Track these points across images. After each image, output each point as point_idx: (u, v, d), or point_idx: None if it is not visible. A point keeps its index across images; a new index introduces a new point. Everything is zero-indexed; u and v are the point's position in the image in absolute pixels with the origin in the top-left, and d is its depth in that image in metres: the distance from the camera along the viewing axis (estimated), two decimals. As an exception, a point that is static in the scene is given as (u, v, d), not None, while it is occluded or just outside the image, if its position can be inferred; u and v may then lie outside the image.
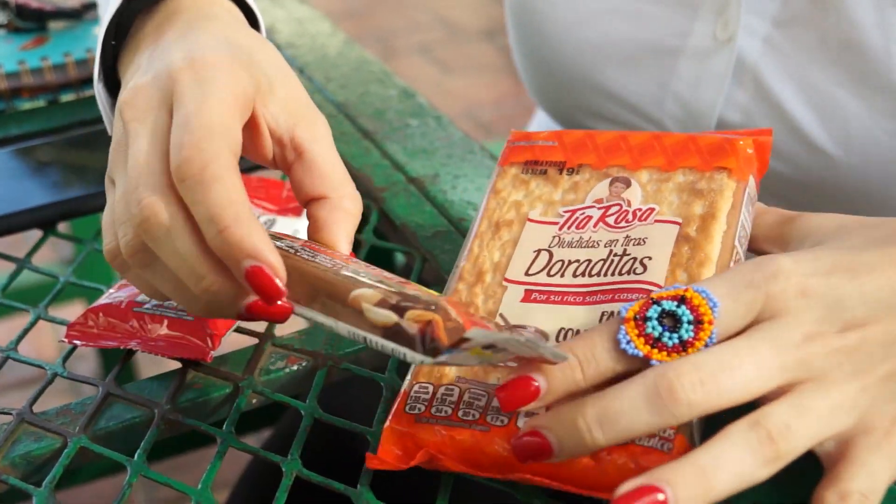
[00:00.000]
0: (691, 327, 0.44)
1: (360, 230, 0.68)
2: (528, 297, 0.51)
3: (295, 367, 0.58)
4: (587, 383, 0.44)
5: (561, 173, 0.56)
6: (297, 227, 0.67)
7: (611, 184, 0.55)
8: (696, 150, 0.54)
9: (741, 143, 0.54)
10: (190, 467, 1.29)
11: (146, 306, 0.59)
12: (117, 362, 0.59)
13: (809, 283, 0.44)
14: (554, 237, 0.54)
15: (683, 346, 0.43)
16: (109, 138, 0.52)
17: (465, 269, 0.54)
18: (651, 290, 0.49)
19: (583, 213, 0.54)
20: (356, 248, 0.63)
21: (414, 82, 0.84)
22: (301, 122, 0.52)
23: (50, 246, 1.87)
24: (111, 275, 0.70)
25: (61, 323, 0.61)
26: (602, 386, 0.44)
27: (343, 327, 0.45)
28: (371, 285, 0.45)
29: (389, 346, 0.43)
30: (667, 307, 0.44)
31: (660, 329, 0.44)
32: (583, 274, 0.51)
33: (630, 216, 0.53)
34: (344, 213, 0.52)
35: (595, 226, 0.53)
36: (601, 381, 0.45)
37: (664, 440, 0.44)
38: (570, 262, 0.52)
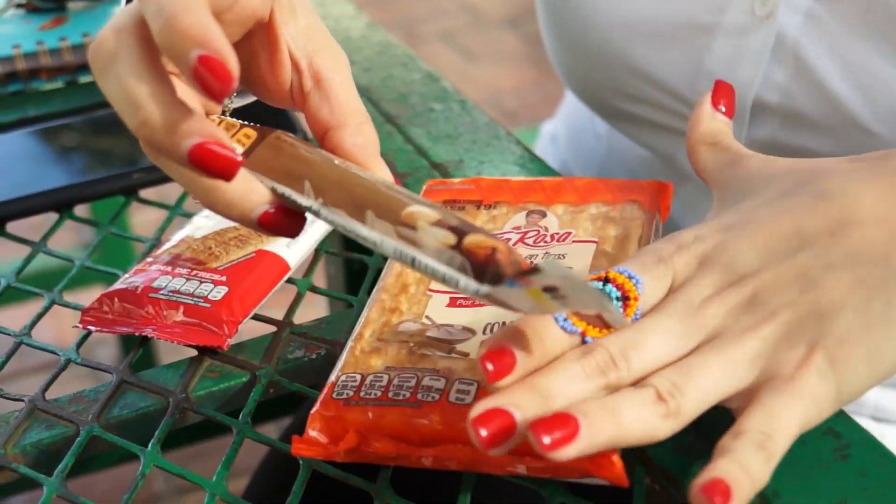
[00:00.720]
0: (620, 304, 0.45)
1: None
2: (453, 304, 0.53)
3: (314, 356, 0.56)
4: (536, 363, 0.44)
5: (479, 209, 0.59)
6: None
7: (527, 215, 0.58)
8: (606, 188, 0.59)
9: (646, 184, 0.59)
10: (208, 455, 1.28)
11: (162, 292, 0.58)
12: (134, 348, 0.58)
13: (706, 248, 0.46)
14: None
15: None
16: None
17: (388, 282, 0.55)
18: None
19: (502, 237, 0.55)
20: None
21: (437, 69, 0.83)
22: (322, 51, 0.50)
23: (69, 230, 1.87)
24: (129, 259, 0.68)
25: (76, 308, 0.60)
26: None
27: (390, 245, 0.43)
28: (429, 205, 0.44)
29: (442, 270, 0.41)
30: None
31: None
32: None
33: (548, 238, 0.56)
34: (368, 137, 0.49)
35: (514, 245, 0.55)
36: (546, 360, 0.45)
37: None
38: None
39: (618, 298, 0.45)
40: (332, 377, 0.50)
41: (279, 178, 0.46)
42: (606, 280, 0.45)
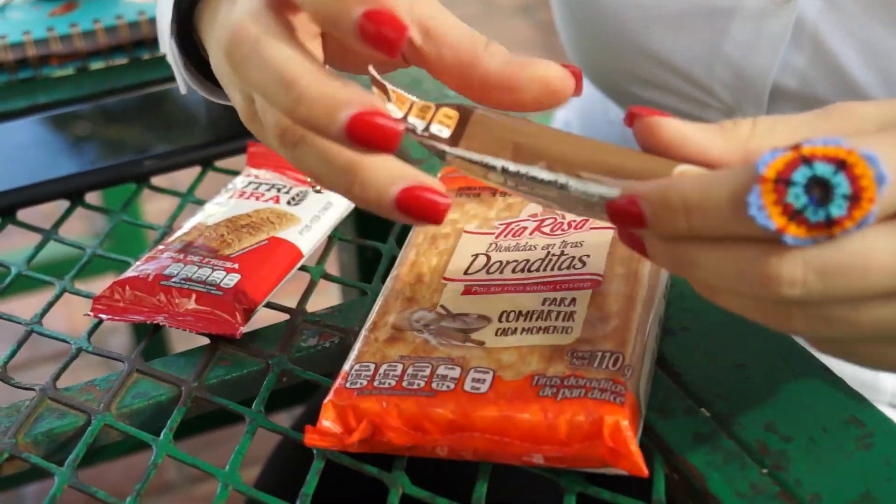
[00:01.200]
0: (845, 203, 0.35)
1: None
2: (468, 291, 0.52)
3: (327, 344, 0.56)
4: (688, 234, 0.38)
5: (494, 196, 0.58)
6: (329, 199, 0.64)
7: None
8: None
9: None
10: (220, 444, 1.28)
11: (174, 280, 0.57)
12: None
13: None
14: (491, 244, 0.55)
15: (829, 225, 0.35)
16: (140, 107, 0.50)
17: (402, 272, 0.55)
18: (598, 279, 0.50)
19: (518, 225, 0.56)
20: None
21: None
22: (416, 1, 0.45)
23: (81, 218, 1.86)
24: (141, 247, 0.68)
25: (88, 296, 0.59)
26: None
27: None
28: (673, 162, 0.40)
29: None
30: (819, 172, 0.35)
31: (805, 200, 0.35)
32: (521, 270, 0.52)
33: (565, 226, 0.54)
34: (505, 53, 0.43)
35: (531, 234, 0.55)
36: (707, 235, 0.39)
37: (616, 394, 0.44)
38: (508, 262, 0.53)
39: (844, 196, 0.35)
40: (346, 366, 0.49)
41: (504, 154, 0.43)
42: (842, 165, 0.35)
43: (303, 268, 0.61)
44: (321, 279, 0.61)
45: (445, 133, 0.43)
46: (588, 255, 0.52)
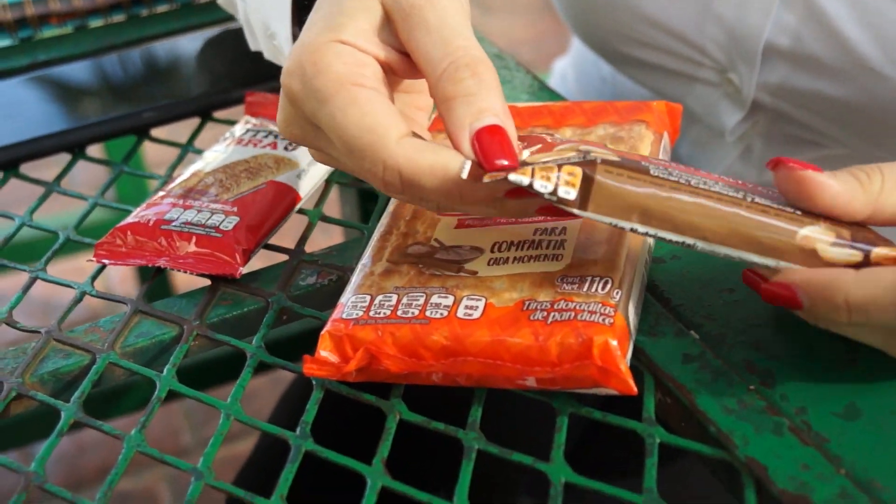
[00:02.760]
0: None
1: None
2: (461, 225, 0.53)
3: (326, 282, 0.57)
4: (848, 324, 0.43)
5: None
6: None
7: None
8: (614, 110, 0.58)
9: (654, 105, 0.57)
10: (226, 392, 1.29)
11: (174, 224, 0.58)
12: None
13: None
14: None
15: None
16: (138, 61, 0.51)
17: (397, 208, 0.56)
18: None
19: None
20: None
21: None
22: None
23: (84, 172, 1.88)
24: (142, 197, 0.69)
25: (90, 244, 0.61)
26: None
27: (782, 265, 0.44)
28: (811, 220, 0.44)
29: None
30: None
31: None
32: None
33: None
34: (462, 89, 0.44)
35: (523, 135, 0.55)
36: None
37: (605, 315, 0.45)
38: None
39: None
40: (342, 299, 0.50)
41: (632, 218, 0.44)
42: None
43: (301, 210, 0.62)
44: (320, 221, 0.62)
45: (572, 195, 0.44)
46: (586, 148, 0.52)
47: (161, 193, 0.62)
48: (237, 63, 0.77)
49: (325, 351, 0.48)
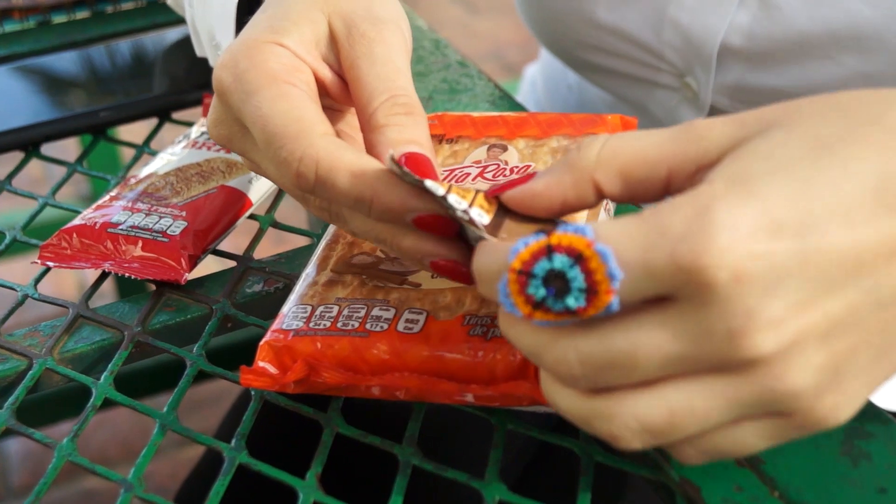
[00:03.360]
0: (582, 295, 0.35)
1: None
2: None
3: (272, 290, 0.56)
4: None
5: (441, 143, 0.58)
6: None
7: (488, 149, 0.56)
8: (569, 122, 0.57)
9: (609, 118, 0.56)
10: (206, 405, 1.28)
11: (121, 227, 0.57)
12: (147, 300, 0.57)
13: (746, 262, 0.33)
14: None
15: (571, 313, 0.35)
16: (98, 59, 0.51)
17: None
18: None
19: (462, 171, 0.55)
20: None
21: (440, 23, 0.82)
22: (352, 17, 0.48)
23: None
24: (93, 198, 0.68)
25: (35, 245, 0.60)
26: None
27: None
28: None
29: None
30: (557, 265, 0.35)
31: (543, 292, 0.36)
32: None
33: (508, 172, 0.54)
34: (386, 135, 0.45)
35: (473, 179, 0.54)
36: None
37: None
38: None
39: (580, 290, 0.35)
40: (284, 308, 0.50)
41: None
42: (579, 259, 0.35)
43: (253, 216, 0.61)
44: (270, 228, 0.61)
45: (486, 219, 0.41)
46: None
47: (111, 195, 0.61)
48: (198, 64, 0.76)
49: (263, 362, 0.47)
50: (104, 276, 0.58)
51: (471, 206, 0.41)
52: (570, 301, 0.35)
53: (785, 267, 0.33)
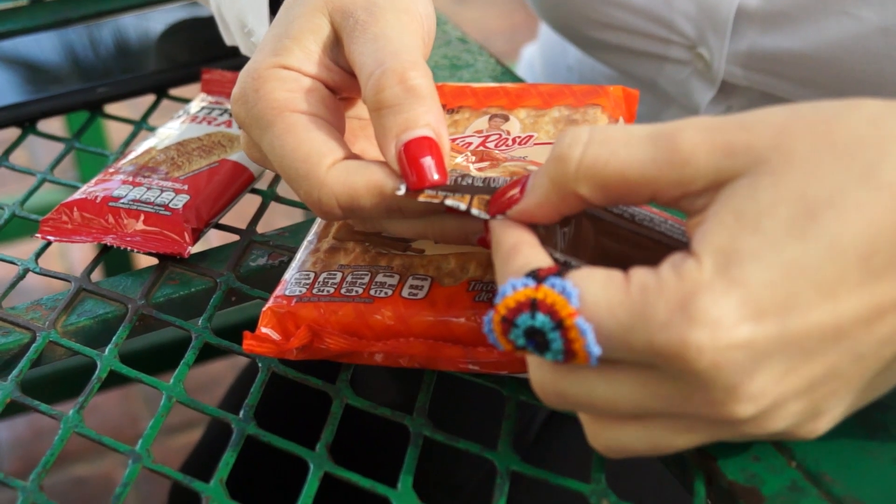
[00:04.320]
0: (560, 355, 0.36)
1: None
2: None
3: (276, 263, 0.55)
4: None
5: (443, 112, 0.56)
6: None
7: (490, 119, 0.56)
8: (570, 93, 0.56)
9: (611, 89, 0.55)
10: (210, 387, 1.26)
11: (122, 201, 0.57)
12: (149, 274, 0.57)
13: (729, 353, 0.33)
14: None
15: (567, 357, 0.36)
16: (94, 36, 0.50)
17: None
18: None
19: (462, 141, 0.54)
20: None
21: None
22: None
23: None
24: (92, 174, 0.67)
25: (35, 221, 0.59)
26: None
27: None
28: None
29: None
30: (539, 324, 0.36)
31: (523, 342, 0.36)
32: (463, 178, 0.50)
33: (510, 142, 0.53)
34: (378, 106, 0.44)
35: (476, 148, 0.53)
36: None
37: None
38: (450, 172, 0.51)
39: (559, 351, 0.36)
40: (286, 275, 0.49)
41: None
42: (560, 326, 0.35)
43: (255, 190, 0.61)
44: (273, 202, 0.60)
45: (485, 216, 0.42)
46: (533, 166, 0.52)
47: (111, 170, 0.61)
48: (195, 40, 0.75)
49: (266, 328, 0.47)
50: (106, 250, 0.57)
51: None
52: (549, 356, 0.36)
53: (766, 351, 0.34)
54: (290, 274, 0.49)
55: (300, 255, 0.50)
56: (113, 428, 1.62)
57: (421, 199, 0.42)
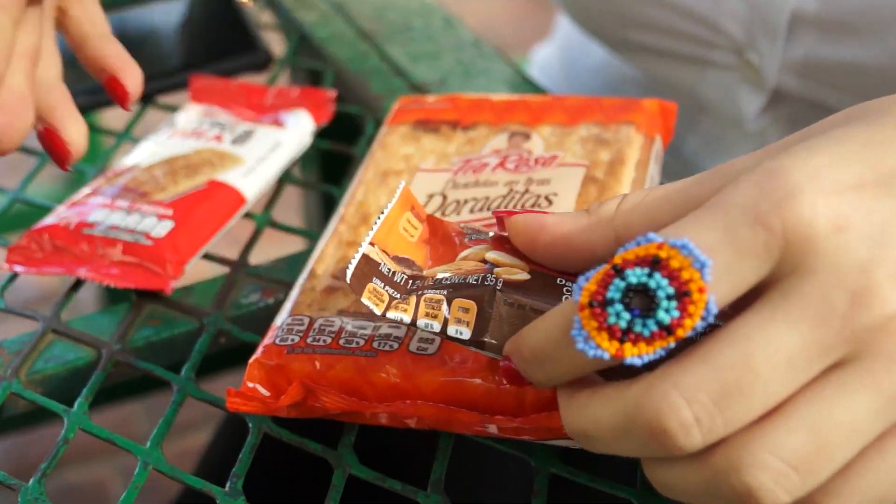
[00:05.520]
0: (673, 304, 0.29)
1: (353, 143, 0.59)
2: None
3: (271, 300, 0.49)
4: (560, 383, 0.33)
5: (455, 130, 0.52)
6: (278, 138, 0.57)
7: (509, 137, 0.50)
8: (599, 108, 0.51)
9: (646, 103, 0.50)
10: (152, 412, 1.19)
11: (98, 228, 0.51)
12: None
13: (842, 206, 0.29)
14: (448, 182, 0.48)
15: (669, 331, 0.29)
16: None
17: (347, 212, 0.48)
18: None
19: (479, 161, 0.49)
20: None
21: (430, 0, 0.74)
22: None
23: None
24: (64, 194, 0.61)
25: (3, 245, 0.53)
26: None
27: None
28: None
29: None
30: (633, 280, 0.30)
31: (627, 316, 0.30)
32: (480, 210, 0.46)
33: (532, 162, 0.48)
34: None
35: (493, 170, 0.48)
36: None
37: None
38: (465, 201, 0.47)
39: (669, 297, 0.29)
40: (277, 320, 0.43)
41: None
42: (655, 263, 0.29)
43: (247, 215, 0.54)
44: (268, 227, 0.54)
45: (465, 335, 0.36)
46: (556, 194, 0.45)
47: (87, 190, 0.54)
48: (185, 43, 0.69)
49: (252, 382, 0.41)
50: (80, 282, 0.51)
51: (445, 326, 0.36)
52: (662, 314, 0.29)
53: (881, 212, 0.29)
54: (282, 318, 0.43)
55: (293, 295, 0.44)
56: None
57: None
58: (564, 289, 0.36)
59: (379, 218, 0.37)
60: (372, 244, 0.37)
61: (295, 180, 0.58)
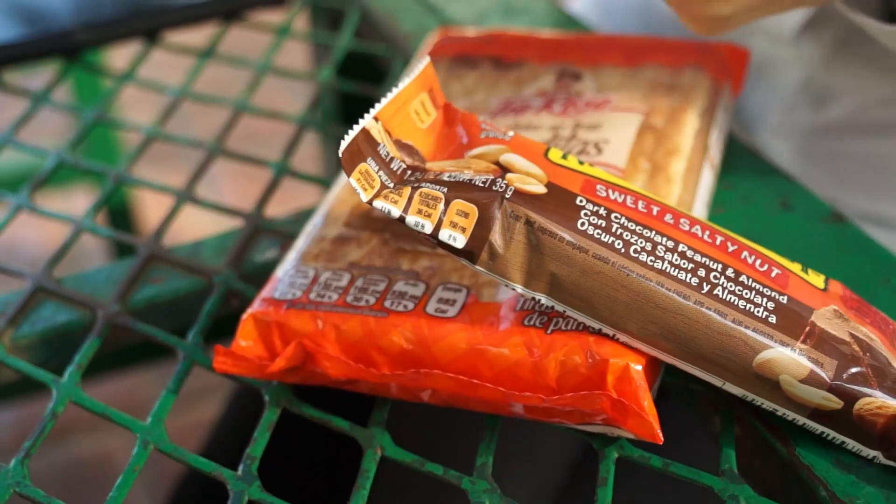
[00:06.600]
0: None
1: (378, 85, 0.53)
2: None
3: (288, 258, 0.43)
4: None
5: (496, 68, 0.46)
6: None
7: (558, 77, 0.44)
8: (663, 48, 0.45)
9: (718, 45, 0.45)
10: (162, 382, 1.12)
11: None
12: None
13: None
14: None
15: None
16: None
17: None
18: (616, 172, 0.38)
19: (521, 102, 0.43)
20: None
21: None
22: None
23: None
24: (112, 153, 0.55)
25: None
26: None
27: (736, 390, 0.32)
28: (767, 323, 0.31)
29: (819, 428, 0.32)
30: None
31: None
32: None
33: (581, 105, 0.42)
34: None
35: (537, 113, 0.42)
36: None
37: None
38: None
39: None
40: (278, 271, 0.38)
41: (538, 286, 0.32)
42: None
43: (263, 163, 0.49)
44: (287, 176, 0.48)
45: (460, 242, 0.31)
46: (606, 141, 0.39)
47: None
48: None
49: (245, 340, 0.36)
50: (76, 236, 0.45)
51: (438, 228, 0.31)
52: None
53: None
54: (284, 269, 0.38)
55: (300, 244, 0.39)
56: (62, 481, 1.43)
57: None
58: (582, 211, 0.31)
59: (391, 92, 0.32)
60: (376, 119, 0.32)
61: (315, 124, 0.52)
